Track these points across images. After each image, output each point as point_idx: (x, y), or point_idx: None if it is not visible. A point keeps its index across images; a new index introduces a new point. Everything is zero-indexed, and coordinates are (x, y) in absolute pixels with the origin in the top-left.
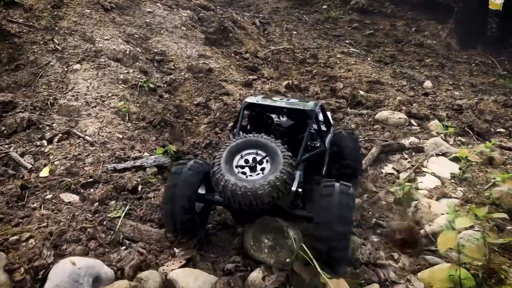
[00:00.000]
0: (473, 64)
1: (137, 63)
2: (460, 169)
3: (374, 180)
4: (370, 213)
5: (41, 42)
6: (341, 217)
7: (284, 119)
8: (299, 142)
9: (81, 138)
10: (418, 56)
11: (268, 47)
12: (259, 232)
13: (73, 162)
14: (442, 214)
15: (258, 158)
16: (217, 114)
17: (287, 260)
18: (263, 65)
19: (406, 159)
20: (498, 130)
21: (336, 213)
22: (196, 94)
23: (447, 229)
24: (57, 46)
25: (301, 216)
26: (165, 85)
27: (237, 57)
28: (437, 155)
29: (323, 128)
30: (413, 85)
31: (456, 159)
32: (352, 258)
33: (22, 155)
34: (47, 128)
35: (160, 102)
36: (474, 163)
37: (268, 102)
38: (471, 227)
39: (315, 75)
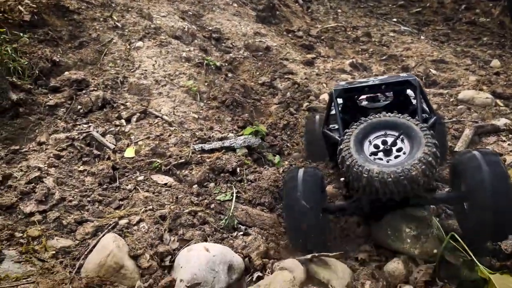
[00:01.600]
0: None
1: (196, 40)
2: None
3: None
4: None
5: (101, 19)
6: (501, 184)
7: (365, 102)
8: None
9: (158, 118)
10: (472, 34)
11: (314, 26)
12: (398, 221)
13: (157, 142)
14: None
15: (390, 139)
16: (288, 94)
17: (435, 251)
18: (318, 44)
19: (505, 141)
20: None
21: (494, 182)
22: (258, 73)
23: None
24: (116, 23)
25: (446, 198)
26: (226, 64)
27: (290, 35)
28: None
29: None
30: (480, 64)
31: None
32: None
33: (103, 134)
34: (122, 107)
35: (227, 82)
36: None
37: (360, 84)
38: None
39: (372, 54)
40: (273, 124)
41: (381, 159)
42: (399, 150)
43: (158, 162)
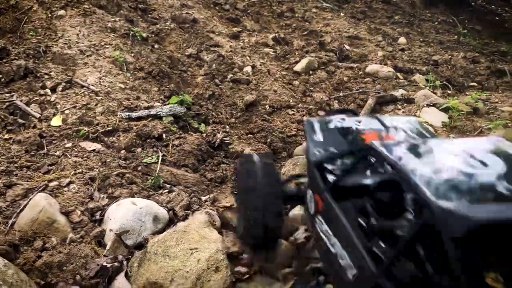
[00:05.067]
0: (436, 22)
1: (121, 11)
2: (449, 118)
3: None
4: None
5: None
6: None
7: None
8: None
9: (84, 88)
10: (386, 13)
11: None
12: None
13: (83, 111)
14: None
15: None
16: (213, 66)
17: None
18: (244, 17)
19: (400, 109)
20: (471, 84)
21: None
22: (185, 45)
23: None
24: None
25: None
26: (153, 35)
27: (217, 8)
28: (428, 105)
29: None
30: (389, 41)
31: (445, 109)
32: None
33: (27, 104)
34: (46, 77)
35: (154, 53)
36: (462, 112)
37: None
38: None
39: (295, 29)
40: (199, 94)
41: None
42: None
43: (85, 130)
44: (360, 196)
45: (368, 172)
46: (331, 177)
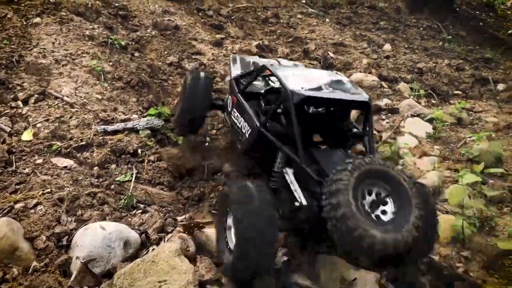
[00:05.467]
0: (421, 28)
1: (101, 18)
2: (434, 129)
3: None
4: None
5: None
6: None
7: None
8: (337, 132)
9: (58, 99)
10: (372, 19)
11: (226, 5)
12: None
13: (57, 124)
14: (428, 171)
15: (382, 193)
16: None
17: None
18: (228, 24)
19: (384, 119)
20: (455, 92)
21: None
22: (166, 53)
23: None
24: None
25: None
26: (133, 43)
27: (201, 14)
28: (412, 116)
29: None
30: (374, 47)
31: (430, 120)
32: None
33: None
34: (18, 88)
35: (133, 61)
36: (446, 123)
37: (327, 94)
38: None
39: (279, 35)
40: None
41: (368, 213)
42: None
43: (58, 145)
44: (257, 97)
45: (262, 83)
46: (241, 85)
